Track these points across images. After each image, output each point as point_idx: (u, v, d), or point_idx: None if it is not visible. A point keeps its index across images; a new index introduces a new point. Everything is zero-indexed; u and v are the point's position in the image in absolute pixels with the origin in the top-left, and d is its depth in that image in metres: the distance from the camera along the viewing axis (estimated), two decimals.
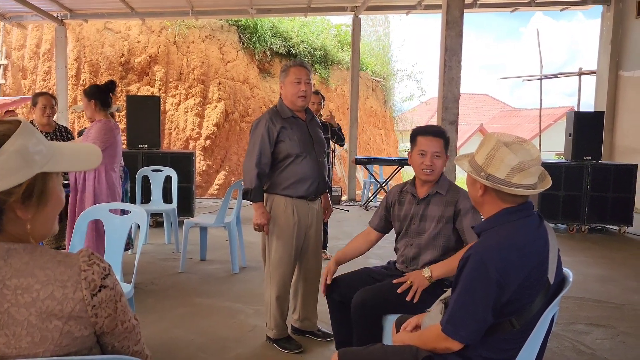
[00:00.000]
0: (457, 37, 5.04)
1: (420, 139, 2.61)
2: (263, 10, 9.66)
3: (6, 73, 10.53)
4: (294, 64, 3.03)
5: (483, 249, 1.65)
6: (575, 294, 4.28)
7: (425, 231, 2.59)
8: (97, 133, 3.61)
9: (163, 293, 4.19)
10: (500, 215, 1.71)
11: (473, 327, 1.61)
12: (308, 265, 3.19)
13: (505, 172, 1.65)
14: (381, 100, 15.18)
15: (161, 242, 5.95)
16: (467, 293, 1.62)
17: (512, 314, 1.62)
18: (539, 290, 1.62)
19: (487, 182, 1.67)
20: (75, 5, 8.96)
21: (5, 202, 1.05)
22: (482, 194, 1.72)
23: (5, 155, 1.03)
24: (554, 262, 1.66)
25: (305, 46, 12.91)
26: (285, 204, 3.00)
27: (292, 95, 2.97)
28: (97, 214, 2.92)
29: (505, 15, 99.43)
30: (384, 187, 9.33)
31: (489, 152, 1.70)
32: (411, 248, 2.63)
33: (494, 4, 9.60)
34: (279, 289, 3.05)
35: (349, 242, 2.89)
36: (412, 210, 2.64)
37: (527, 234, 1.67)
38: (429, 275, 2.40)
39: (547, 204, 6.91)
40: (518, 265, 1.59)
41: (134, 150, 6.81)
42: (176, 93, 11.30)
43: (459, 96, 5.10)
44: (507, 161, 1.64)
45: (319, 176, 3.07)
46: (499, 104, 32.78)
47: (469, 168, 1.76)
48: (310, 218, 3.10)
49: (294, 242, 3.02)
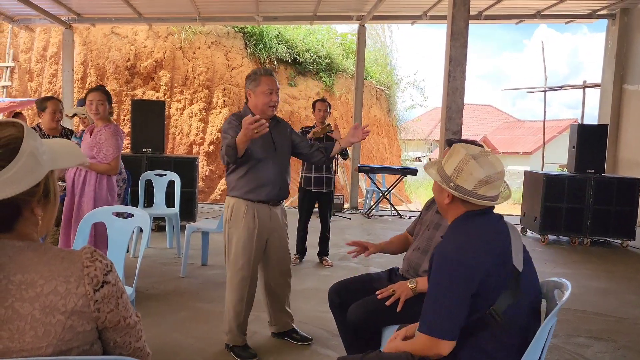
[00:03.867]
0: (462, 48, 5.07)
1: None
2: (269, 18, 9.73)
3: (13, 75, 10.59)
4: (264, 73, 3.01)
5: (445, 245, 1.76)
6: (577, 307, 4.26)
7: (434, 240, 2.60)
8: (110, 139, 3.61)
9: (164, 297, 4.19)
10: (463, 218, 1.82)
11: (446, 321, 1.64)
12: (273, 269, 3.19)
13: (472, 184, 1.75)
14: (385, 109, 15.21)
15: (163, 246, 5.96)
16: (435, 291, 1.69)
17: (487, 307, 1.65)
18: (506, 276, 1.66)
19: (456, 192, 1.76)
20: (83, 10, 9.04)
21: (28, 203, 1.10)
22: (448, 202, 1.82)
23: (24, 157, 1.07)
24: (519, 252, 1.72)
25: (311, 54, 12.97)
26: (246, 208, 2.99)
27: (264, 104, 2.97)
28: (101, 216, 2.93)
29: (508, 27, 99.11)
30: (386, 195, 9.34)
31: (458, 164, 1.79)
32: (417, 252, 2.65)
33: (499, 15, 9.65)
34: (235, 294, 3.05)
35: (386, 241, 2.94)
36: (432, 217, 2.68)
37: (486, 226, 1.78)
38: (413, 286, 2.42)
39: (550, 216, 6.90)
40: (480, 256, 1.66)
41: (137, 154, 6.83)
42: (181, 98, 11.35)
43: (462, 106, 5.12)
44: (475, 174, 1.75)
45: (280, 181, 3.06)
46: (503, 115, 32.81)
47: (438, 177, 1.85)
48: (273, 222, 3.09)
49: (253, 247, 3.01)
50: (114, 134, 3.63)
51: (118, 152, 3.63)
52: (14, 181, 1.05)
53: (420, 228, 2.75)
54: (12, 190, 1.05)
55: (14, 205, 1.09)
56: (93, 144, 3.67)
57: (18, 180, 1.06)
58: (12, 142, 1.07)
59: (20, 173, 1.06)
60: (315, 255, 5.60)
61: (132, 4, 8.54)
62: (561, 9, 9.20)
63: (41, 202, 1.13)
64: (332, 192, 5.49)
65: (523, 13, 9.52)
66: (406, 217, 9.05)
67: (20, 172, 1.06)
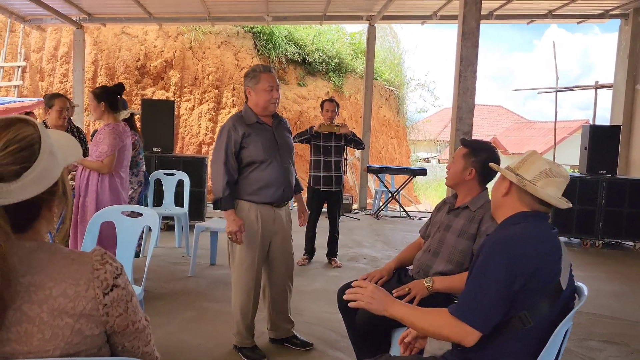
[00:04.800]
0: (473, 48, 5.02)
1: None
2: (279, 18, 9.72)
3: (24, 75, 10.67)
4: (263, 69, 2.97)
5: (496, 238, 1.71)
6: (589, 310, 4.20)
7: (446, 241, 2.57)
8: (107, 137, 3.60)
9: (172, 297, 4.19)
10: (516, 217, 1.77)
11: (483, 311, 1.60)
12: (275, 273, 3.14)
13: (533, 174, 1.73)
14: (394, 109, 15.15)
15: (172, 246, 5.97)
16: (478, 278, 1.64)
17: (523, 309, 1.61)
18: (549, 289, 1.62)
19: (515, 178, 1.73)
20: (94, 9, 9.07)
21: (48, 202, 1.11)
22: (505, 193, 1.78)
23: (45, 156, 1.07)
24: (567, 270, 1.68)
25: (320, 54, 12.94)
26: (250, 210, 2.96)
27: (265, 102, 2.94)
28: (109, 216, 2.93)
29: (518, 28, 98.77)
30: (395, 196, 9.29)
31: (524, 158, 1.80)
32: (427, 254, 2.62)
33: (510, 15, 9.57)
34: (242, 295, 3.02)
35: (402, 252, 2.88)
36: (443, 219, 2.65)
37: (541, 232, 1.71)
38: (430, 285, 2.38)
39: (561, 218, 6.83)
40: (530, 256, 1.62)
41: (147, 153, 6.83)
42: (190, 98, 11.38)
43: (473, 107, 5.07)
44: (537, 165, 1.75)
45: (284, 182, 3.02)
46: (513, 116, 32.58)
47: (502, 168, 1.84)
48: (277, 225, 3.06)
49: (257, 248, 2.98)
50: (112, 132, 3.60)
51: (113, 150, 3.57)
52: (38, 181, 1.05)
53: (431, 230, 2.72)
54: (37, 189, 1.05)
55: (36, 205, 1.09)
56: (94, 143, 3.70)
57: (42, 179, 1.06)
58: (34, 142, 1.07)
59: (44, 172, 1.07)
60: (324, 255, 5.58)
61: (143, 4, 8.56)
62: (573, 9, 9.10)
63: (61, 200, 1.15)
64: (341, 191, 5.45)
65: (534, 13, 9.43)
66: (415, 218, 9.01)
67: (43, 172, 1.06)
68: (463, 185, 2.58)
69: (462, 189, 2.60)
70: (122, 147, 3.65)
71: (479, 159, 2.51)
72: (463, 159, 2.55)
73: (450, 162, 2.66)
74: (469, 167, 2.53)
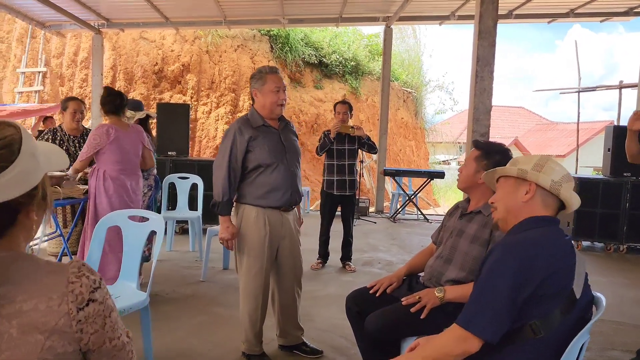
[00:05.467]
0: (490, 47, 4.90)
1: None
2: (295, 20, 9.69)
3: (45, 80, 10.83)
4: (269, 70, 2.92)
5: (506, 242, 1.63)
6: (611, 318, 4.04)
7: (458, 248, 2.47)
8: (90, 138, 3.73)
9: (183, 301, 4.15)
10: (526, 223, 1.69)
11: (490, 319, 1.51)
12: (284, 278, 3.07)
13: (558, 176, 1.68)
14: (412, 111, 15.01)
15: (186, 250, 5.95)
16: (486, 283, 1.56)
17: (534, 318, 1.52)
18: (562, 297, 1.53)
19: (545, 182, 1.66)
20: (111, 15, 9.16)
21: (26, 206, 1.05)
22: (528, 199, 1.70)
23: (25, 157, 1.02)
24: (581, 278, 1.59)
25: (337, 56, 12.89)
26: (257, 215, 2.89)
27: (272, 104, 2.88)
28: (116, 220, 2.90)
29: (540, 28, 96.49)
30: (412, 199, 9.17)
31: (537, 162, 1.72)
32: (440, 260, 2.52)
33: (530, 14, 9.38)
34: (250, 302, 2.96)
35: (413, 257, 2.80)
36: (455, 224, 2.55)
37: (554, 237, 1.64)
38: (441, 295, 2.29)
39: (584, 222, 6.63)
40: (542, 261, 1.53)
41: (162, 157, 6.86)
42: (207, 101, 11.42)
43: (490, 108, 4.94)
44: (558, 169, 1.70)
45: (291, 186, 2.95)
46: (535, 117, 32.10)
47: (516, 171, 1.73)
48: (284, 229, 2.98)
49: (265, 254, 2.91)
50: (91, 133, 3.75)
51: (87, 150, 3.67)
52: (16, 183, 1.00)
53: (444, 236, 2.63)
54: (14, 191, 1.00)
55: (12, 210, 1.03)
56: None
57: (20, 181, 1.01)
58: (13, 142, 1.02)
59: (23, 174, 1.01)
60: (339, 260, 5.50)
61: (159, 9, 8.61)
62: (595, 7, 8.87)
63: (41, 206, 1.09)
64: (354, 194, 5.37)
65: (555, 12, 9.23)
66: (433, 222, 8.86)
67: (22, 173, 1.01)
68: (476, 189, 2.48)
69: (475, 193, 2.50)
70: (106, 148, 3.68)
71: (491, 161, 2.41)
72: (475, 162, 2.45)
73: (462, 165, 2.56)
74: (482, 170, 2.43)
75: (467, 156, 2.54)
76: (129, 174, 3.75)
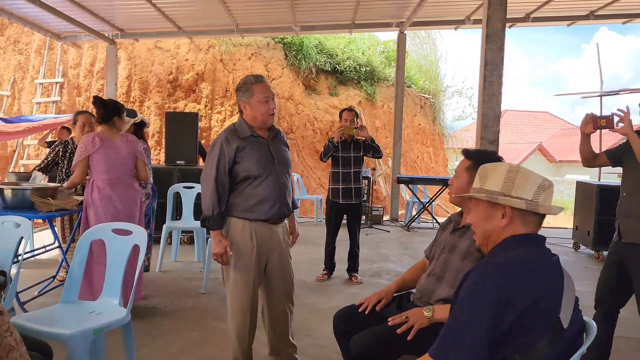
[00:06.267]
0: (498, 51, 4.72)
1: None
2: (307, 27, 9.62)
3: (62, 91, 10.96)
4: (255, 80, 2.80)
5: (485, 265, 1.47)
6: (631, 334, 3.81)
7: (450, 264, 2.32)
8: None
9: (180, 315, 4.06)
10: (508, 242, 1.52)
11: (465, 353, 1.36)
12: (274, 293, 2.93)
13: (532, 191, 1.49)
14: (430, 117, 14.79)
15: (191, 260, 5.88)
16: (462, 312, 1.41)
17: (515, 351, 1.36)
18: (548, 327, 1.36)
19: (519, 203, 1.48)
20: (125, 25, 9.23)
21: None
22: (506, 224, 1.52)
23: None
24: (570, 306, 1.41)
25: (351, 62, 12.78)
26: (244, 228, 2.77)
27: (263, 115, 2.77)
28: (99, 234, 2.82)
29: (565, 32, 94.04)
30: (427, 207, 8.96)
31: (506, 176, 1.53)
32: (431, 278, 2.38)
33: (548, 17, 9.12)
34: (237, 318, 2.82)
35: (406, 272, 2.68)
36: (447, 238, 2.41)
37: (540, 259, 1.47)
38: (430, 314, 2.14)
39: (605, 231, 6.33)
40: (524, 286, 1.38)
41: (170, 166, 6.83)
42: (222, 110, 11.41)
43: (500, 113, 4.75)
44: (532, 180, 1.50)
45: (280, 198, 2.82)
46: (560, 122, 31.45)
47: (486, 196, 1.55)
48: (273, 242, 2.85)
49: (253, 268, 2.78)
50: (80, 142, 3.74)
51: (75, 158, 3.66)
52: None
53: (436, 251, 2.48)
54: None
55: None
56: None
57: None
58: None
59: None
60: (345, 271, 5.35)
61: (172, 18, 8.64)
62: (616, 9, 8.57)
63: None
64: (360, 203, 5.22)
65: (575, 14, 8.95)
66: None
67: None
68: (468, 201, 2.33)
69: (468, 206, 2.34)
70: (92, 155, 3.64)
71: (475, 165, 2.27)
72: (466, 172, 2.30)
73: (453, 177, 2.41)
74: (464, 176, 2.29)
75: (458, 167, 2.38)
76: (116, 184, 3.66)
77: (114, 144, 3.70)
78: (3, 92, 10.68)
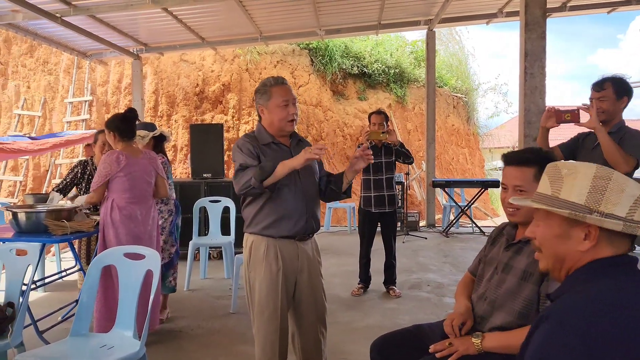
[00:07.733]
0: (539, 40, 4.33)
1: (503, 170, 2.04)
2: (332, 31, 9.37)
3: (91, 108, 11.01)
4: (275, 82, 2.52)
5: (562, 309, 1.11)
6: None
7: (504, 287, 1.96)
8: (99, 166, 3.45)
9: (207, 338, 3.82)
10: (591, 269, 1.17)
11: None
12: (304, 318, 2.61)
13: (627, 206, 1.14)
14: (464, 117, 14.30)
15: (221, 277, 5.66)
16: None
17: None
18: None
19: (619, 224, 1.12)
20: (149, 40, 9.17)
21: None
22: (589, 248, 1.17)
23: None
24: None
25: (379, 65, 12.44)
26: (267, 247, 2.47)
27: (281, 120, 2.50)
28: (110, 259, 2.60)
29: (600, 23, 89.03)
30: (466, 211, 8.54)
31: (593, 184, 1.17)
32: (483, 303, 2.03)
33: (586, 5, 8.61)
34: (265, 349, 2.50)
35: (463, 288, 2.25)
36: (500, 256, 2.06)
37: (633, 292, 1.11)
38: (478, 341, 1.82)
39: None
40: (616, 336, 1.02)
41: (197, 179, 6.65)
42: (249, 120, 11.24)
43: (544, 107, 4.35)
44: (628, 191, 1.14)
45: (307, 211, 2.52)
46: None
47: (569, 213, 1.18)
48: (301, 261, 2.54)
49: (279, 292, 2.47)
50: (102, 161, 3.46)
51: (99, 179, 3.40)
52: None
53: (484, 269, 2.13)
54: None
55: None
56: None
57: None
58: None
59: None
60: (382, 283, 5.02)
61: (194, 30, 8.52)
62: None
63: None
64: (394, 211, 4.89)
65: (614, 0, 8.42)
66: None
67: None
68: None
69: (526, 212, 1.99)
70: (117, 175, 3.40)
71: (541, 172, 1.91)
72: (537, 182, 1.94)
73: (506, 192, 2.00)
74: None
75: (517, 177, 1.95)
76: (139, 203, 3.47)
77: (137, 161, 3.51)
78: (34, 113, 10.79)
